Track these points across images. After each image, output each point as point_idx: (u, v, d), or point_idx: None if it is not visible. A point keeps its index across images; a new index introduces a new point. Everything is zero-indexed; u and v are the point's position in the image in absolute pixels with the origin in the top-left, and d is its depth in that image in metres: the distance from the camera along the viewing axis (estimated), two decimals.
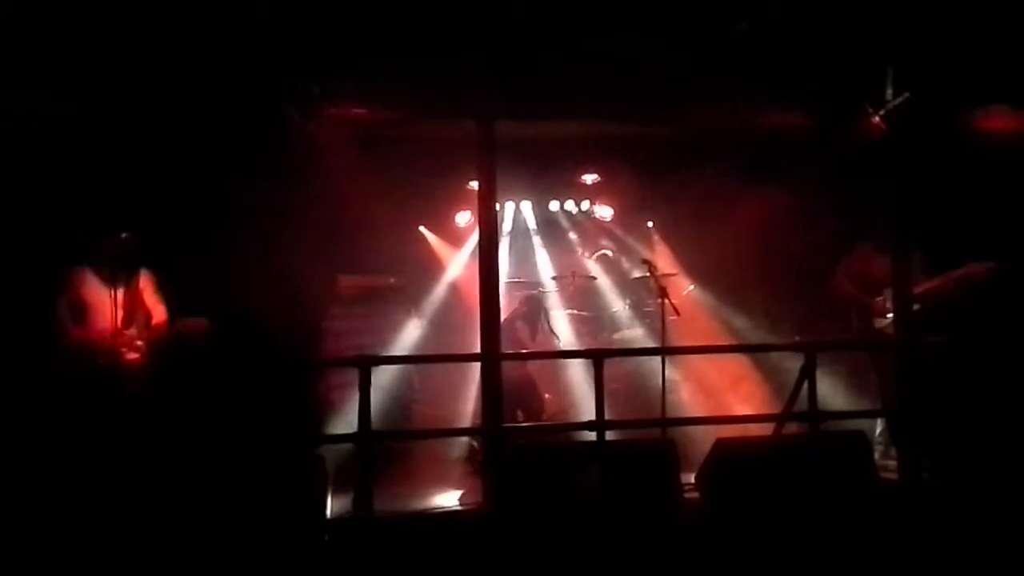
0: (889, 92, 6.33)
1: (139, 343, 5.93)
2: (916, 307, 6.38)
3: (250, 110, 6.14)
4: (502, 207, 9.19)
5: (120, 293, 5.91)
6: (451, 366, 7.72)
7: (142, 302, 6.07)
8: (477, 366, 6.23)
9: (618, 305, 8.94)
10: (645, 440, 6.04)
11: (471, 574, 4.64)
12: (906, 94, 6.25)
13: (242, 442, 5.36)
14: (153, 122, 6.10)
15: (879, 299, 6.61)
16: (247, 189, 6.66)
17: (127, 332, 5.91)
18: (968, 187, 6.80)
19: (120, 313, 5.87)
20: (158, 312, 6.09)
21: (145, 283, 6.10)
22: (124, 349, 5.87)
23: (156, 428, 5.69)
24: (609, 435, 5.66)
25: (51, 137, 6.06)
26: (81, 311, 5.87)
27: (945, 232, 6.68)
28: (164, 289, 6.17)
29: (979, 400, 6.28)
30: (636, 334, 8.50)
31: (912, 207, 6.15)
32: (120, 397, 5.77)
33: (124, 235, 5.87)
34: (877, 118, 6.46)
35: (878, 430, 6.50)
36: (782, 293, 8.25)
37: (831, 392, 7.00)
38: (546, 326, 8.20)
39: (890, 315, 6.43)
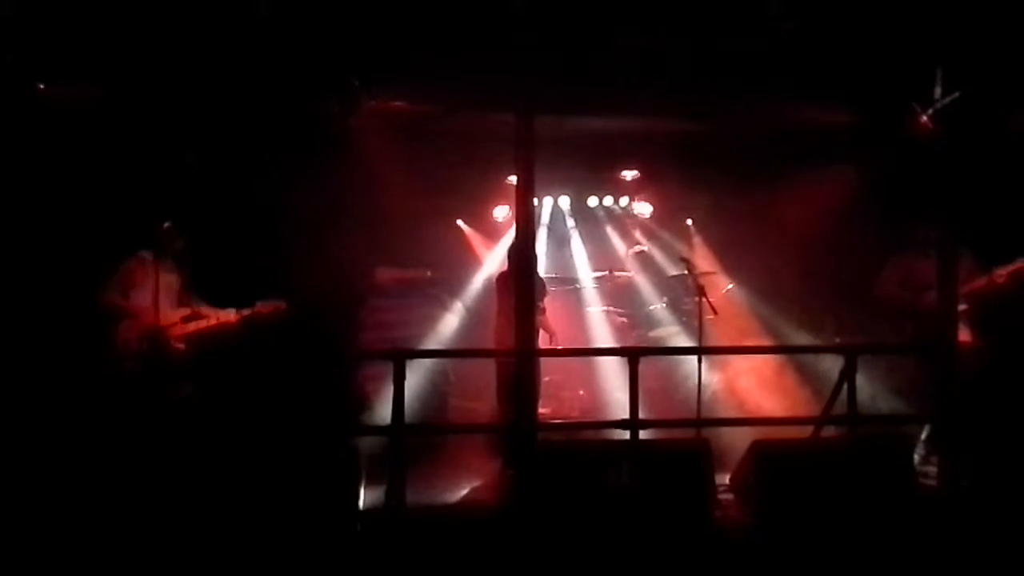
0: (938, 91, 6.20)
1: (188, 332, 6.02)
2: (964, 307, 6.26)
3: (291, 102, 6.19)
4: (540, 201, 9.17)
5: (177, 281, 6.02)
6: (486, 360, 7.72)
7: (195, 297, 6.18)
8: None
9: (655, 303, 8.88)
10: (679, 440, 5.99)
11: (501, 569, 4.63)
12: (955, 94, 6.12)
13: (279, 431, 5.42)
14: (195, 112, 6.16)
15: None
16: (287, 180, 6.72)
17: (180, 322, 6.01)
18: (1017, 187, 6.65)
19: (174, 302, 5.99)
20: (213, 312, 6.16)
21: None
22: (175, 338, 5.97)
23: (199, 416, 5.79)
24: (643, 434, 5.61)
25: (101, 130, 6.16)
26: (139, 298, 5.94)
27: (993, 232, 6.53)
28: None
29: (1021, 404, 6.14)
30: (673, 332, 8.43)
31: (960, 207, 6.02)
32: (167, 384, 5.87)
33: (166, 224, 5.94)
34: (925, 118, 6.34)
35: (923, 435, 6.36)
36: (823, 294, 8.13)
37: (874, 395, 6.88)
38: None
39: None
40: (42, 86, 5.94)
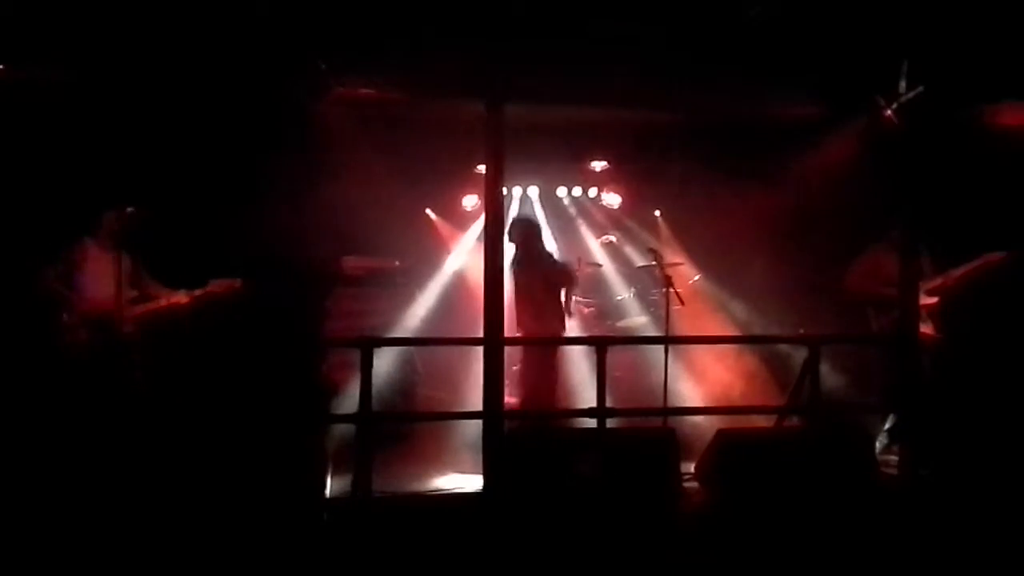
0: (902, 85, 6.27)
1: (136, 315, 5.92)
2: (933, 301, 6.38)
3: (257, 87, 6.11)
4: (509, 191, 9.16)
5: (127, 267, 5.88)
6: (454, 349, 7.71)
7: (148, 279, 6.06)
8: (479, 350, 6.22)
9: (623, 293, 8.92)
10: (646, 429, 6.03)
11: (468, 556, 4.64)
12: (919, 88, 6.19)
13: (240, 417, 5.38)
14: (160, 97, 6.07)
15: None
16: (252, 166, 6.64)
17: (128, 304, 5.87)
18: (980, 182, 6.74)
19: (125, 288, 5.85)
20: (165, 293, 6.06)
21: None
22: (124, 321, 5.84)
23: (150, 401, 5.72)
24: (610, 423, 5.64)
25: (60, 111, 6.04)
26: (82, 282, 5.82)
27: (956, 228, 6.63)
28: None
29: (983, 396, 6.26)
30: (640, 322, 8.48)
31: (923, 202, 6.10)
32: (121, 370, 5.78)
33: (130, 209, 5.85)
34: (889, 111, 6.41)
35: (887, 425, 6.47)
36: (788, 285, 8.21)
37: (838, 386, 6.97)
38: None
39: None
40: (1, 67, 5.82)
